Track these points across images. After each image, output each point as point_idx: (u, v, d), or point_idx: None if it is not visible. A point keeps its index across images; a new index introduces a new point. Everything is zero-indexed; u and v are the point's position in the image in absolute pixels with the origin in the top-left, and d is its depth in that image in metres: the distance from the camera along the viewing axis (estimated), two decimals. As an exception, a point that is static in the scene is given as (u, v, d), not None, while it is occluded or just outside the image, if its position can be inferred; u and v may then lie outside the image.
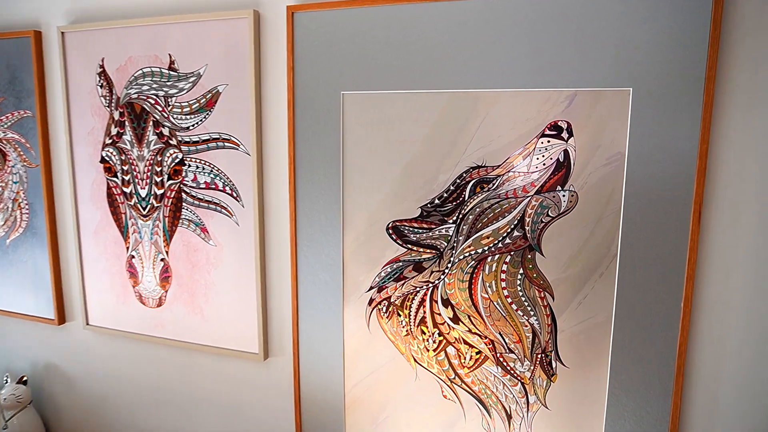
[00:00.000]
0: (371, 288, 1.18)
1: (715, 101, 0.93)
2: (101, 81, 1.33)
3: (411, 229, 1.12)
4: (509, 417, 1.13)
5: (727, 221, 0.96)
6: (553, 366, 1.08)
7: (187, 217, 1.31)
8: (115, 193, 1.37)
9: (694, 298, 0.99)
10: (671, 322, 0.99)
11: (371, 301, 1.18)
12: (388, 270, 1.16)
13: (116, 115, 1.33)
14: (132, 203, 1.36)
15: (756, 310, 0.97)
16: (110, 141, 1.35)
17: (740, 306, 0.98)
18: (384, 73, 1.09)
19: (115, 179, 1.37)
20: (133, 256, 1.39)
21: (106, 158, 1.36)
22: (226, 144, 1.24)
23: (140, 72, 1.28)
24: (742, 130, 0.93)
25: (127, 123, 1.32)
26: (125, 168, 1.35)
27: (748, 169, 0.94)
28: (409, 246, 1.13)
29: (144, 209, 1.35)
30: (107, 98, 1.33)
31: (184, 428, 1.45)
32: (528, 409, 1.11)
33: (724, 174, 0.95)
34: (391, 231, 1.14)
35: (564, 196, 1.02)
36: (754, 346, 0.98)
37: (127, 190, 1.36)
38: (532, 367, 1.09)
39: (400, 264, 1.14)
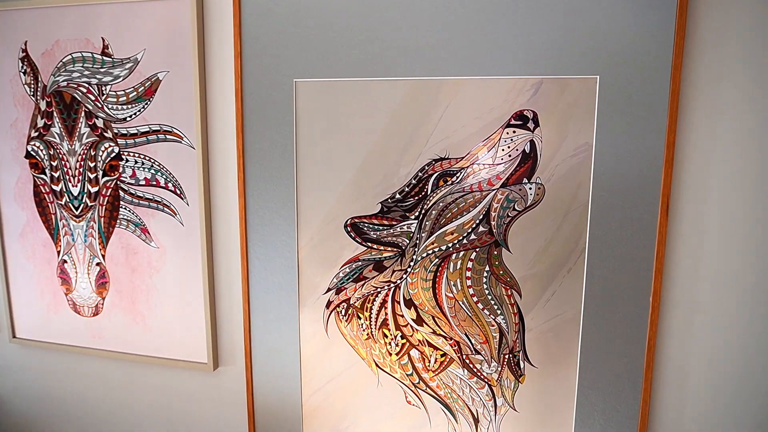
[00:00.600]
0: (329, 290, 1.10)
1: (682, 90, 0.91)
2: (24, 67, 1.20)
3: (371, 226, 1.05)
4: (476, 421, 1.07)
5: (695, 214, 0.94)
6: (521, 366, 1.03)
7: (125, 217, 1.19)
8: (44, 191, 1.24)
9: (662, 293, 0.97)
10: (640, 317, 0.96)
11: (329, 303, 1.11)
12: (347, 270, 1.08)
13: (43, 105, 1.20)
14: (63, 203, 1.23)
15: (723, 305, 0.95)
16: (36, 134, 1.22)
17: (708, 300, 0.96)
18: (340, 60, 1.02)
19: (43, 176, 1.23)
20: (65, 261, 1.26)
21: (32, 153, 1.23)
22: (168, 137, 1.13)
23: (69, 57, 1.16)
24: (709, 121, 0.91)
25: (55, 114, 1.19)
26: (54, 164, 1.22)
27: (716, 161, 0.92)
28: (369, 244, 1.06)
29: (76, 209, 1.22)
30: (32, 86, 1.20)
31: (127, 447, 1.33)
32: (496, 413, 1.06)
33: (692, 166, 0.93)
34: (349, 229, 1.07)
35: (530, 189, 0.97)
36: (722, 340, 0.97)
37: (57, 188, 1.23)
38: (499, 369, 1.04)
39: (360, 263, 1.07)
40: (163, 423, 1.28)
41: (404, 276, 1.05)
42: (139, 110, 1.14)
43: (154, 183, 1.16)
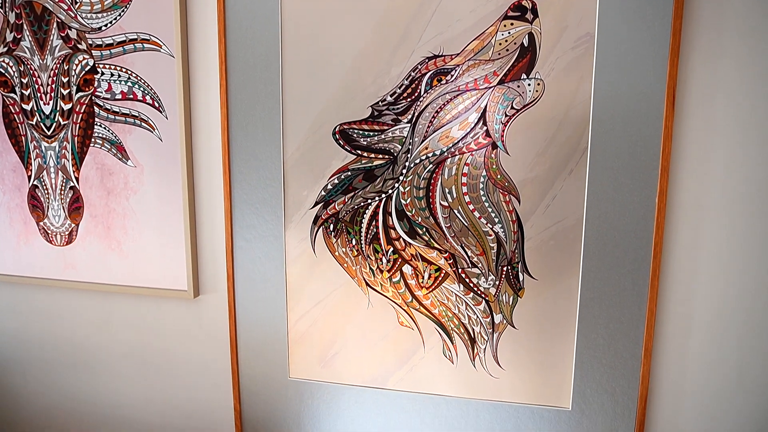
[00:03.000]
0: (316, 204, 1.04)
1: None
2: (-7, -24, 1.13)
3: (361, 132, 0.99)
4: (473, 341, 1.01)
5: (704, 104, 0.89)
6: (520, 279, 0.97)
7: (100, 135, 1.12)
8: (13, 111, 1.17)
9: (669, 194, 0.91)
10: (645, 219, 0.91)
11: (317, 219, 1.04)
12: (336, 181, 1.02)
13: (11, 18, 1.13)
14: (34, 123, 1.16)
15: (731, 207, 0.90)
16: (5, 49, 1.15)
17: (717, 200, 0.90)
18: (327, -51, 0.96)
19: (12, 95, 1.16)
20: (36, 186, 1.18)
21: (1, 70, 1.16)
22: (146, 45, 1.07)
23: (40, -37, 1.09)
24: (715, 4, 0.86)
25: (25, 26, 1.12)
26: (24, 81, 1.15)
27: (725, 46, 0.87)
28: (359, 152, 1.00)
29: (48, 129, 1.15)
30: (1, -3, 1.13)
31: (104, 389, 1.26)
32: (494, 331, 1.00)
33: (699, 55, 0.88)
34: (338, 136, 1.01)
35: (529, 85, 0.92)
36: (729, 242, 0.92)
37: (28, 107, 1.16)
38: (497, 282, 0.98)
39: (349, 173, 1.01)
40: (140, 357, 1.21)
41: (396, 185, 0.99)
42: (115, 18, 1.07)
43: (131, 96, 1.09)
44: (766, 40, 0.85)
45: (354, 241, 1.03)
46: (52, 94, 1.13)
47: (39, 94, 1.14)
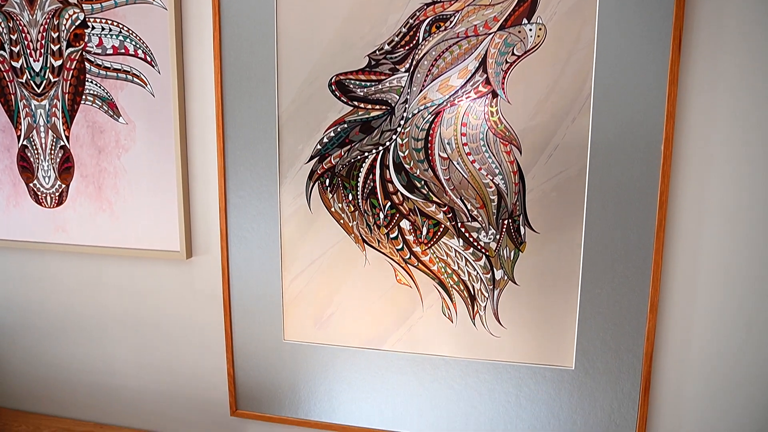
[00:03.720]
0: (312, 158, 1.01)
1: None
2: (-18, -72, 1.11)
3: (357, 82, 0.97)
4: (473, 299, 0.98)
5: (710, 50, 0.86)
6: (522, 233, 0.95)
7: (91, 92, 1.10)
8: (2, 70, 1.14)
9: (675, 140, 0.88)
10: (651, 168, 0.88)
11: (312, 174, 1.01)
12: (332, 135, 0.99)
13: (2, -28, 1.10)
14: (23, 81, 1.13)
15: (737, 153, 0.87)
16: (-5, 5, 1.12)
17: (724, 148, 0.87)
18: None
19: (1, 53, 1.14)
20: (25, 147, 1.16)
21: (-9, 27, 1.13)
22: (138, -2, 1.04)
23: None
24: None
25: (15, -19, 1.10)
26: (14, 38, 1.12)
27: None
28: (356, 103, 0.97)
29: (38, 87, 1.12)
30: (-10, -49, 1.11)
31: (95, 356, 1.22)
32: (494, 287, 0.97)
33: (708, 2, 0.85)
34: (334, 87, 0.98)
35: (531, 30, 0.89)
36: (737, 190, 0.89)
37: (17, 65, 1.13)
38: (497, 237, 0.95)
39: (346, 126, 0.98)
40: (132, 322, 1.18)
41: (394, 137, 0.97)
42: (106, -30, 1.05)
43: (123, 51, 1.07)
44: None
45: (350, 197, 1.00)
46: (42, 51, 1.11)
47: (29, 51, 1.12)
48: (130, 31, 1.06)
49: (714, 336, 0.92)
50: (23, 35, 1.11)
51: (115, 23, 1.06)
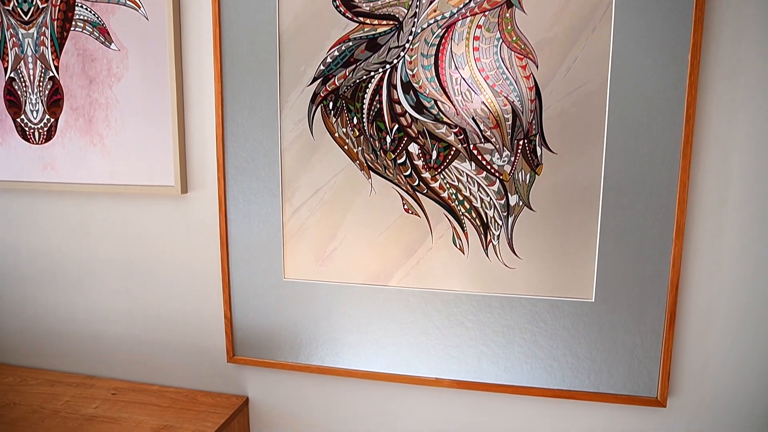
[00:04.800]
0: (315, 80, 0.95)
1: None
2: None
3: (363, -4, 0.91)
4: (485, 227, 0.92)
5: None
6: (538, 154, 0.89)
7: (81, 17, 1.04)
8: (-11, -3, 1.09)
9: (703, 46, 0.82)
10: (677, 79, 0.82)
11: (315, 97, 0.96)
12: (336, 54, 0.94)
13: None
14: (10, 8, 1.07)
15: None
16: (-19, -72, 1.07)
17: (754, 60, 0.82)
18: None
19: (-12, -20, 1.08)
20: (12, 79, 1.10)
21: (-23, -48, 1.08)
22: None
23: None
24: None
25: None
26: (1, -37, 1.06)
27: None
28: (361, 19, 0.92)
29: (26, 14, 1.07)
30: None
31: (84, 303, 1.16)
32: (508, 214, 0.91)
33: None
34: (338, 2, 0.92)
35: (548, -67, 0.84)
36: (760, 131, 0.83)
37: (4, -8, 1.07)
38: (512, 159, 0.89)
39: (350, 44, 0.93)
40: (124, 265, 1.12)
41: (402, 54, 0.91)
42: None
43: (115, -28, 1.01)
44: None
45: (355, 120, 0.94)
46: (31, -24, 1.05)
47: (16, -23, 1.06)
48: (123, -49, 1.00)
49: (746, 260, 0.86)
50: (11, -40, 1.06)
51: (107, -57, 1.01)
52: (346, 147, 0.96)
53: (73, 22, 1.05)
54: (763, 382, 0.89)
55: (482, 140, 0.90)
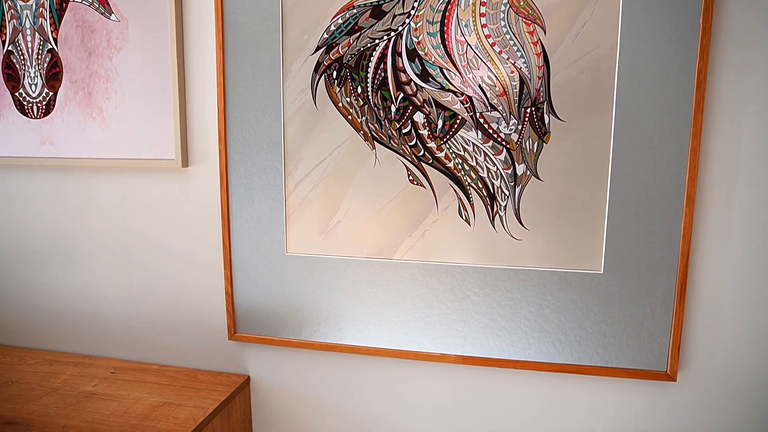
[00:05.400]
0: (318, 48, 0.93)
1: None
2: None
3: (367, -38, 0.89)
4: (492, 198, 0.91)
5: None
6: (546, 122, 0.87)
7: (81, -12, 1.02)
8: (-13, -31, 1.07)
9: (714, 9, 0.81)
10: (689, 42, 0.81)
11: (318, 66, 0.94)
12: (339, 21, 0.92)
13: None
14: (9, -20, 1.06)
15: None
16: None
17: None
18: None
19: (-14, -49, 1.06)
20: (11, 52, 1.08)
21: (-25, -77, 1.06)
22: None
23: None
24: None
25: None
26: (0, -66, 1.05)
27: None
28: (366, -14, 0.90)
29: (25, -14, 1.05)
30: None
31: (84, 282, 1.14)
32: (515, 184, 0.89)
33: None
34: (342, -31, 0.91)
35: None
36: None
37: (3, -37, 1.06)
38: (519, 127, 0.88)
39: (355, 11, 0.91)
40: (123, 242, 1.10)
41: (407, 21, 0.89)
42: None
43: (115, -59, 0.99)
44: None
45: (360, 89, 0.93)
46: (30, -53, 1.03)
47: (15, -52, 1.04)
48: None
49: (759, 229, 0.85)
50: (9, -69, 1.04)
51: None
52: (349, 117, 0.94)
53: (73, -7, 1.03)
54: (776, 354, 0.87)
55: (489, 108, 0.88)
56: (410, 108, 0.91)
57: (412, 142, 0.92)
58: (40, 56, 1.07)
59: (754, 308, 0.86)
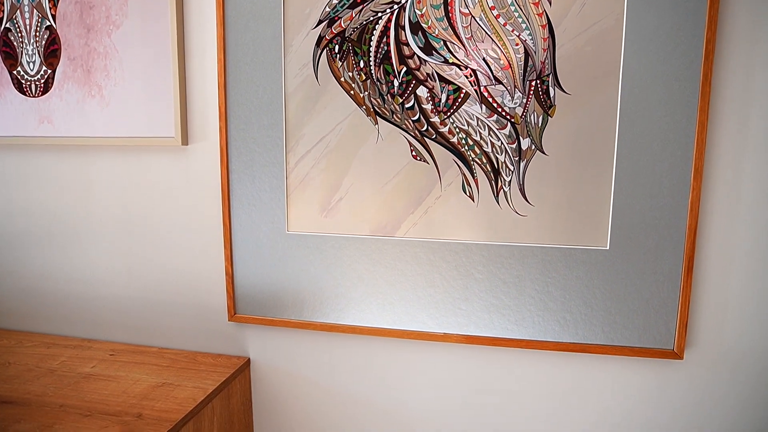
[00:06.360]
0: (320, 22, 0.92)
1: None
2: None
3: (370, -66, 0.88)
4: (496, 173, 0.89)
5: None
6: (551, 95, 0.86)
7: (79, -37, 1.01)
8: (-15, -54, 1.06)
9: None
10: (697, 9, 0.79)
11: (320, 40, 0.93)
12: (342, -5, 0.91)
13: None
14: (7, -44, 1.04)
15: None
16: None
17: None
18: None
19: (-16, -73, 1.05)
20: (8, 30, 1.07)
21: None
22: None
23: None
24: None
25: None
26: None
27: None
28: (368, -42, 0.89)
29: (23, -38, 1.04)
30: None
31: (82, 263, 1.13)
32: (520, 159, 0.88)
33: None
34: (344, -59, 0.89)
35: None
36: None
37: (1, -61, 1.04)
38: (524, 100, 0.86)
39: (357, -16, 0.90)
40: (122, 223, 1.08)
41: (410, -7, 0.88)
42: None
43: None
44: None
45: (362, 63, 0.91)
46: None
47: (13, -77, 1.03)
48: None
49: (767, 202, 0.83)
50: None
51: None
52: (352, 92, 0.93)
53: (71, -31, 1.01)
54: (785, 331, 0.86)
55: (493, 82, 0.87)
56: (413, 82, 0.90)
57: (415, 117, 0.91)
58: (38, 33, 1.05)
59: (762, 284, 0.85)
